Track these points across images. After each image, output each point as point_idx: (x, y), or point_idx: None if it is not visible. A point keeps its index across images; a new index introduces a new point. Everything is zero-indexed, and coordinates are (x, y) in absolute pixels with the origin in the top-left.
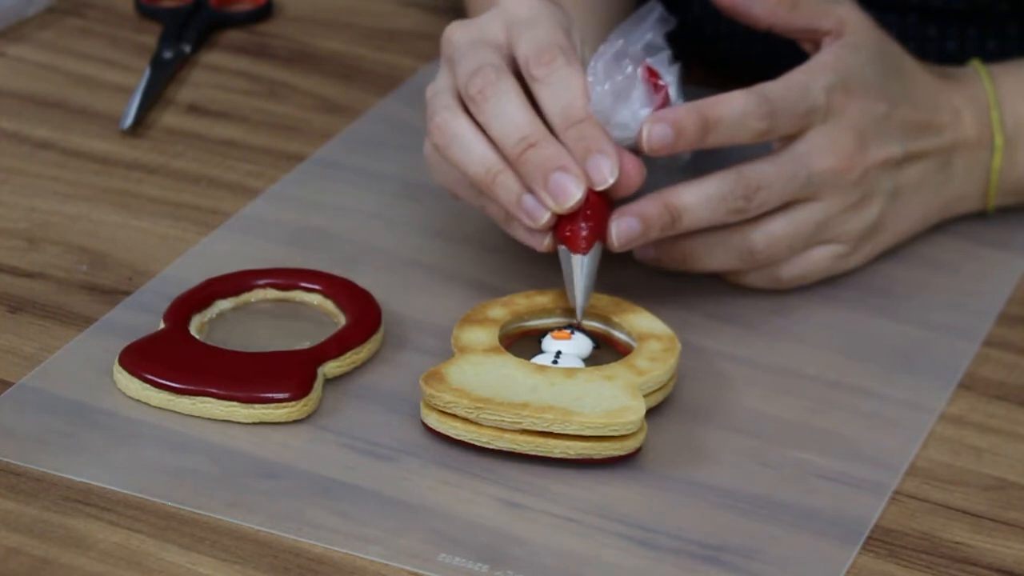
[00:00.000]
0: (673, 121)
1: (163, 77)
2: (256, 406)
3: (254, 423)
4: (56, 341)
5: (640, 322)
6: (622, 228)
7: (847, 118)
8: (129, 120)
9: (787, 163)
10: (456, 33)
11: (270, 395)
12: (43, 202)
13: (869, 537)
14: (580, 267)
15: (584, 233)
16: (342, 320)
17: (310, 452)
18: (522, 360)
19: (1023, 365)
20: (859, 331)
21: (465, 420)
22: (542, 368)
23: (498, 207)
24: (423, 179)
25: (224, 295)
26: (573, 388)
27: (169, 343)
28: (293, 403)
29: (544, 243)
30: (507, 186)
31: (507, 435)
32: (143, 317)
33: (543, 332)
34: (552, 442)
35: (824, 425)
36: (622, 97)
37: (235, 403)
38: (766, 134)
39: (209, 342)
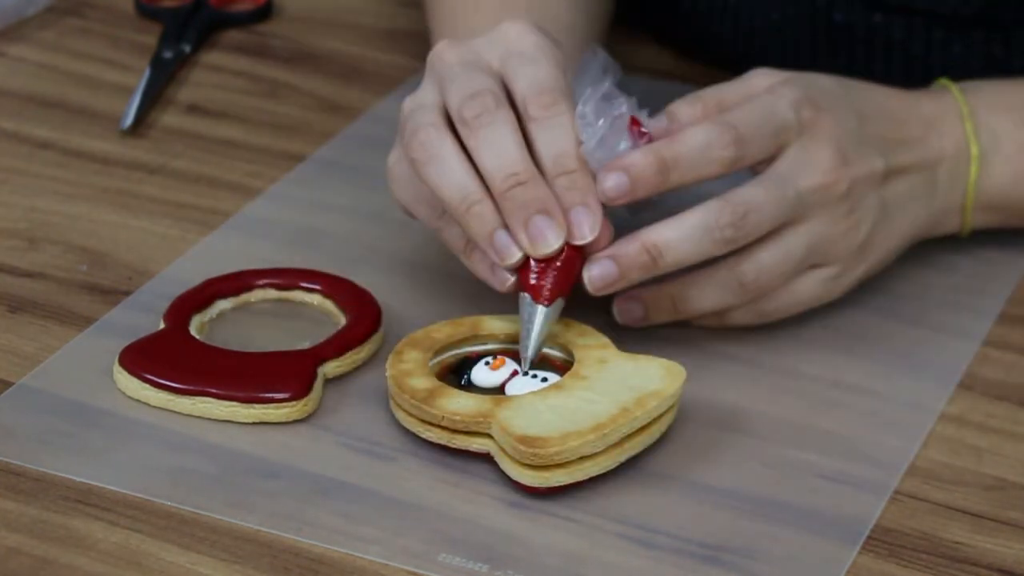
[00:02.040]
0: (627, 167)
1: (163, 77)
2: (256, 406)
3: (254, 423)
4: (56, 341)
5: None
6: (596, 273)
7: (822, 132)
8: (129, 120)
9: (774, 184)
10: (449, 52)
11: (270, 395)
12: (43, 202)
13: (869, 537)
14: (540, 317)
15: (550, 284)
16: (342, 320)
17: (310, 452)
18: (546, 390)
19: (1023, 365)
20: (859, 331)
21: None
22: (562, 388)
23: (459, 235)
24: None
25: (224, 295)
26: (608, 385)
27: (169, 343)
28: (293, 403)
29: (506, 284)
30: (483, 217)
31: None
32: (143, 317)
33: (460, 366)
34: (627, 444)
35: (824, 425)
36: (607, 145)
37: (235, 403)
38: (737, 162)
39: (209, 342)
